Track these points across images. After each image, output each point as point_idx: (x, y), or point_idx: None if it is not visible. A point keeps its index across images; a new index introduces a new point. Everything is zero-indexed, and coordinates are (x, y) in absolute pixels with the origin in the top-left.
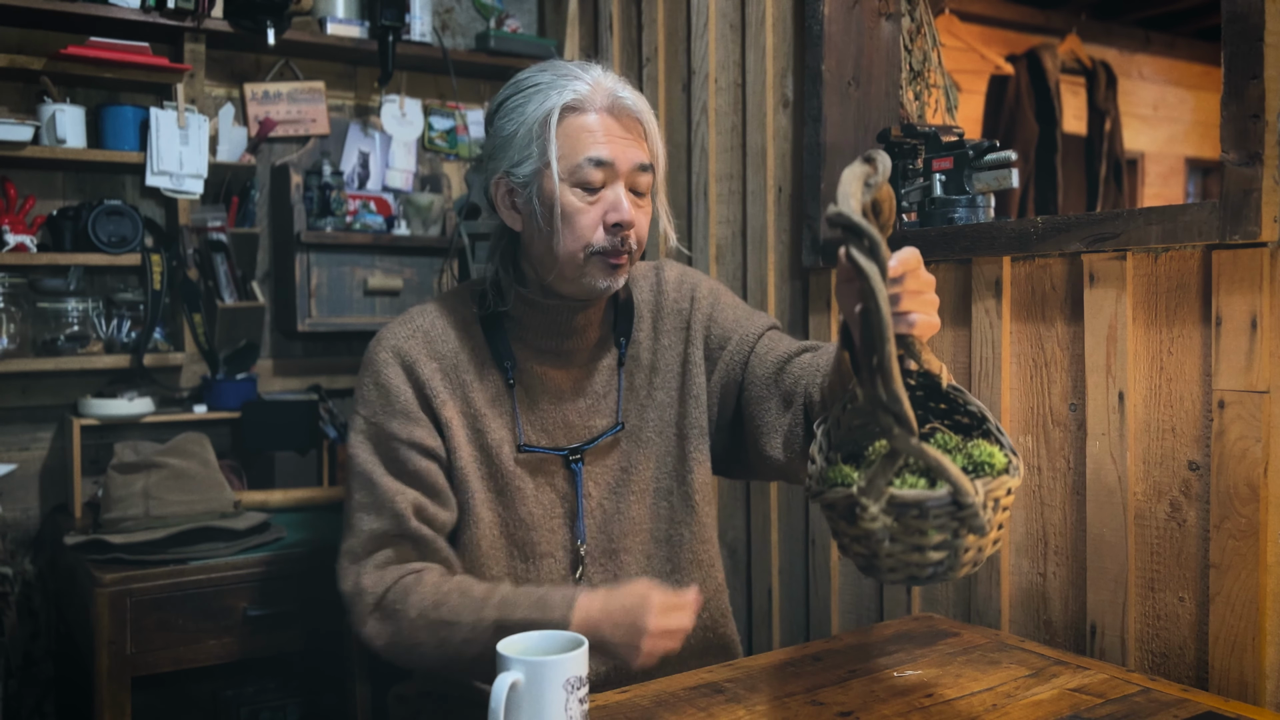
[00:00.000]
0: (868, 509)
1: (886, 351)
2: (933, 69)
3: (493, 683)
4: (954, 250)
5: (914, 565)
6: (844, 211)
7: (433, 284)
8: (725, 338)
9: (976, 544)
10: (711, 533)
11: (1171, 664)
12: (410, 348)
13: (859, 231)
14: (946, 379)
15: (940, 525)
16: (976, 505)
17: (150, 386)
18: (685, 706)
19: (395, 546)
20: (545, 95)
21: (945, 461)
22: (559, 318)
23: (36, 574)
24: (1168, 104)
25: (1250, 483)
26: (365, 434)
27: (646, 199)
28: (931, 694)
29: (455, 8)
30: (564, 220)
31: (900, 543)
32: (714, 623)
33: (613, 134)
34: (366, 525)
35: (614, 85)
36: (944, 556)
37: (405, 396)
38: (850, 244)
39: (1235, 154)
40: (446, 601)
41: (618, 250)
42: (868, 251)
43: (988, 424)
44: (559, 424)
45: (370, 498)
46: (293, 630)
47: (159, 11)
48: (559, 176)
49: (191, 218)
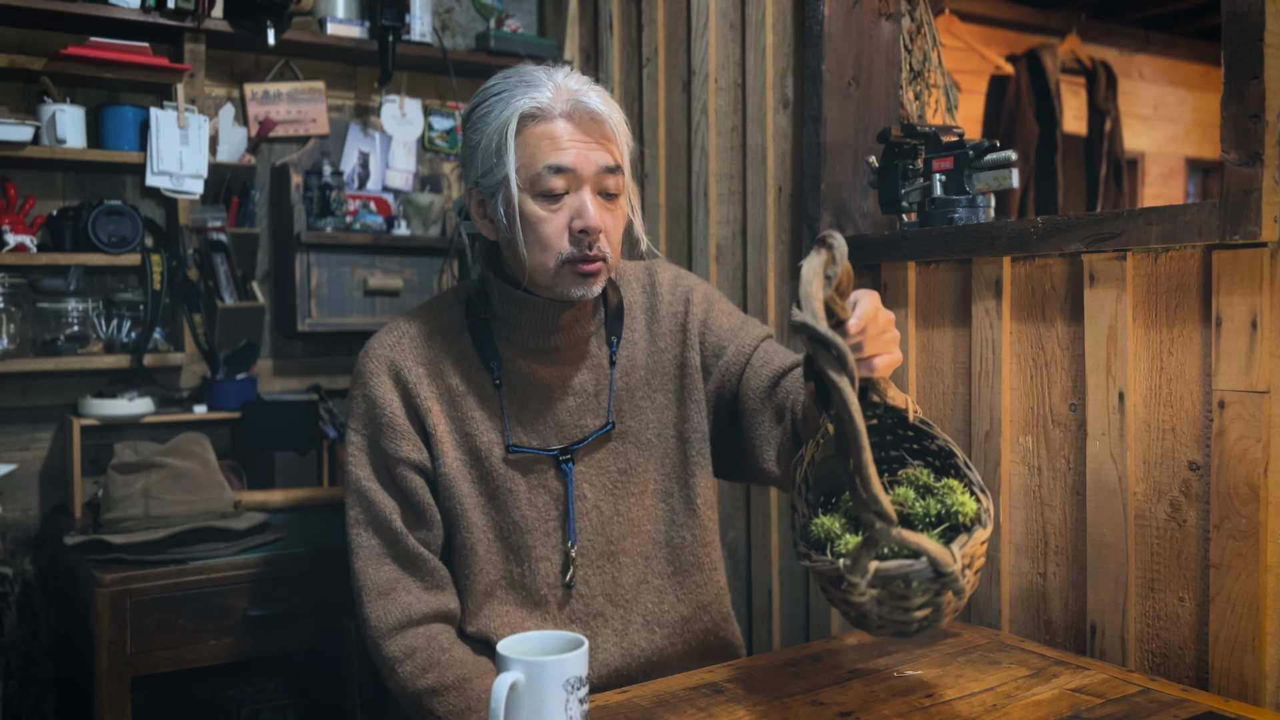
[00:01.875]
0: (857, 585)
1: (863, 459)
2: (933, 69)
3: (498, 673)
4: (954, 250)
5: (901, 623)
6: (809, 323)
7: (433, 284)
8: (721, 346)
9: (949, 603)
10: (713, 536)
11: (1171, 664)
12: (396, 355)
13: (826, 343)
14: (913, 411)
15: (923, 589)
16: (955, 572)
17: (150, 386)
18: (685, 706)
19: (402, 588)
20: (506, 104)
21: (924, 542)
22: (545, 314)
23: (36, 574)
24: (1168, 104)
25: (1250, 483)
26: (358, 446)
27: (618, 201)
28: (931, 694)
29: (455, 8)
30: (529, 230)
31: (887, 605)
32: (715, 626)
33: (574, 139)
34: (364, 542)
35: (578, 88)
36: (929, 614)
37: (392, 408)
38: (819, 357)
39: (1235, 154)
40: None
41: (587, 257)
42: (836, 364)
43: (955, 460)
44: (549, 424)
45: (366, 514)
46: (293, 630)
47: (159, 11)
48: (519, 186)
49: (191, 218)
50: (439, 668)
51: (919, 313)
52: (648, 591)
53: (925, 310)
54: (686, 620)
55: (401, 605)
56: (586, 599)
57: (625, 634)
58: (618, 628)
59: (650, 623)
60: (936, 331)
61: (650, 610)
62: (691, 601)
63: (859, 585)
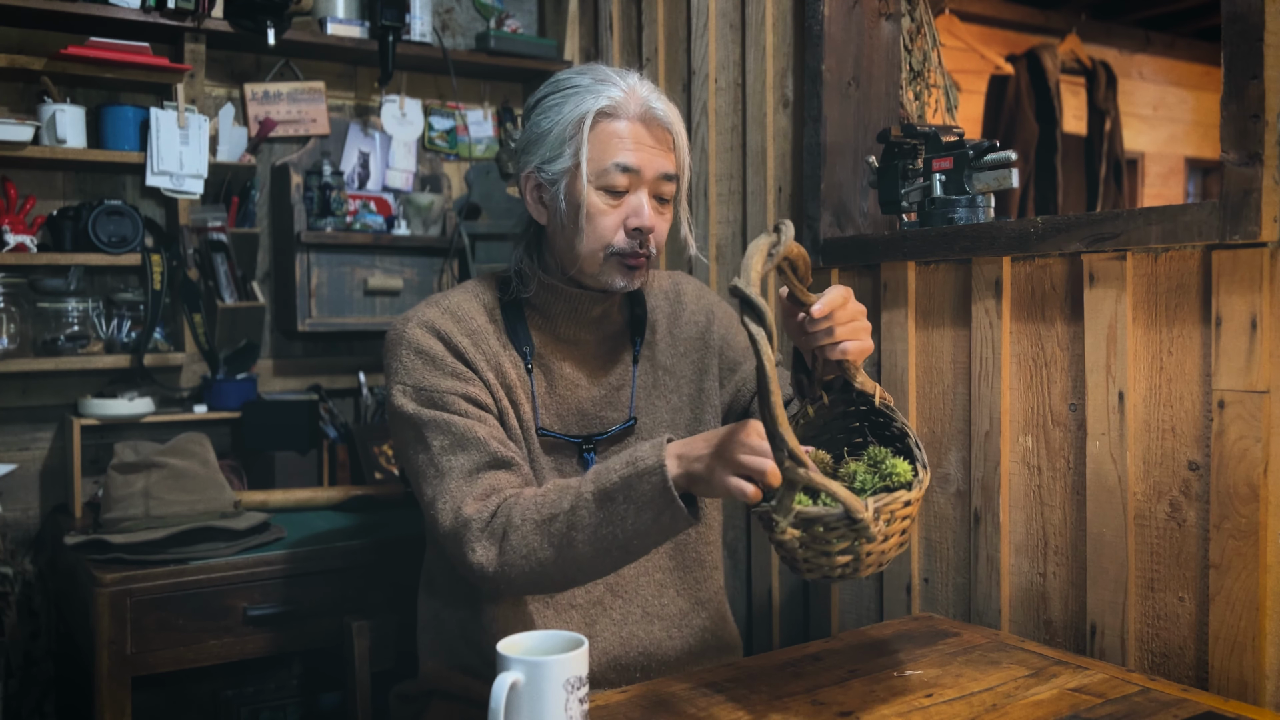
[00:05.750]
0: (778, 524)
1: (772, 403)
2: (933, 69)
3: (498, 673)
4: (954, 250)
5: (825, 567)
6: (739, 285)
7: (433, 284)
8: (736, 362)
9: (878, 549)
10: (716, 536)
11: (1171, 664)
12: (442, 324)
13: (750, 302)
14: (880, 397)
15: (840, 535)
16: (867, 519)
17: (150, 386)
18: (685, 706)
19: (490, 475)
20: (582, 98)
21: (834, 486)
22: (579, 306)
23: (36, 574)
24: (1168, 104)
25: (1250, 483)
26: (417, 399)
27: (669, 206)
28: (931, 694)
29: (455, 8)
30: (588, 220)
31: (810, 549)
32: (713, 623)
33: (642, 142)
34: (456, 463)
35: (648, 95)
36: (850, 560)
37: (449, 359)
38: (745, 313)
39: (1235, 154)
40: (546, 499)
41: (636, 253)
42: (756, 319)
43: (909, 439)
44: (573, 412)
45: (450, 439)
46: (293, 630)
47: (159, 11)
48: (587, 178)
49: (191, 218)
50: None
51: (919, 313)
52: (648, 584)
53: (925, 310)
54: (685, 615)
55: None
56: (588, 587)
57: (624, 624)
58: (616, 618)
59: (649, 615)
60: (936, 331)
61: (650, 602)
62: (691, 596)
63: (780, 524)
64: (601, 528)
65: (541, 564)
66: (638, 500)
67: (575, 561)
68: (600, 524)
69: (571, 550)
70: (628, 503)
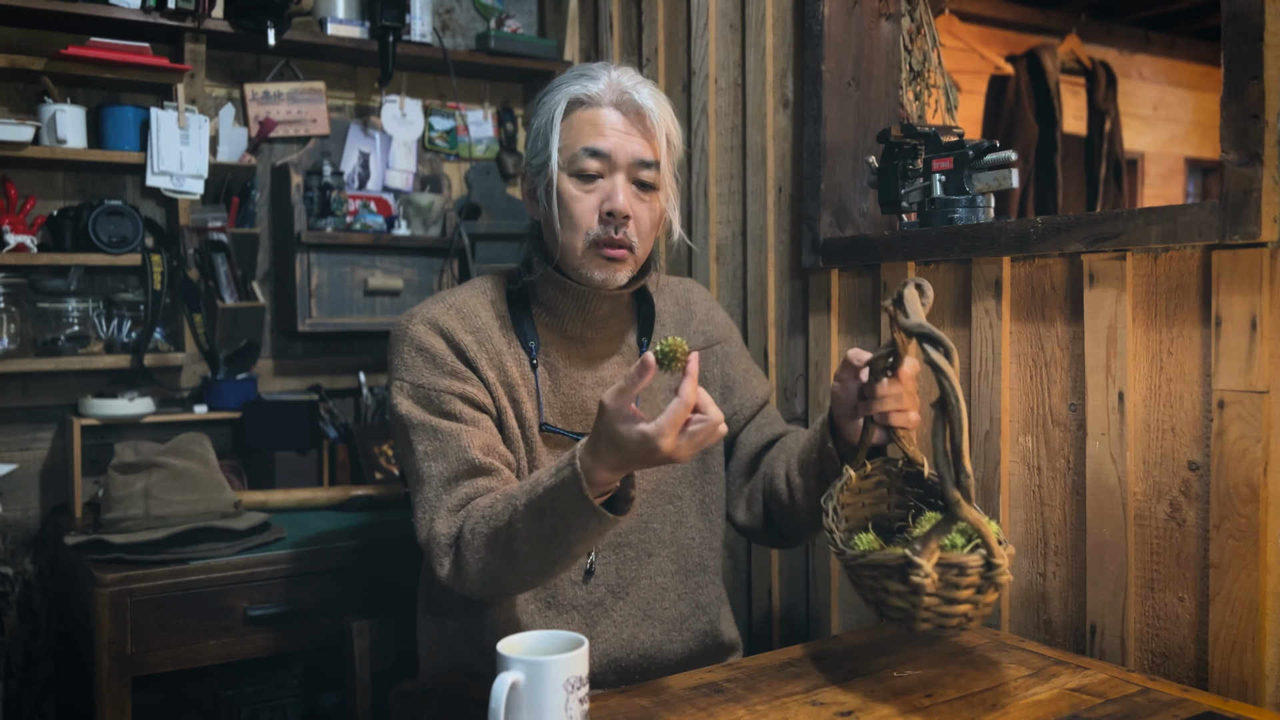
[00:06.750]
0: (921, 567)
1: (961, 439)
2: (933, 69)
3: (498, 673)
4: (954, 250)
5: (944, 616)
6: (922, 323)
7: (432, 284)
8: (733, 380)
9: (987, 602)
10: (718, 542)
11: (1171, 664)
12: (445, 320)
13: (936, 340)
14: (928, 470)
15: (971, 582)
16: (1003, 566)
17: (150, 386)
18: (685, 706)
19: (468, 484)
20: (560, 91)
21: (985, 527)
22: (585, 303)
23: (37, 574)
24: (1168, 104)
25: (1250, 483)
26: (413, 397)
27: (653, 195)
28: (931, 694)
29: (455, 8)
30: (562, 207)
31: (936, 596)
32: (715, 629)
33: (615, 128)
34: (435, 470)
35: (630, 84)
36: (969, 609)
37: (449, 358)
38: (929, 347)
39: (1235, 154)
40: (493, 510)
41: (613, 240)
42: (945, 356)
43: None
44: (577, 410)
45: (433, 445)
46: (293, 630)
47: (159, 12)
48: (559, 166)
49: (192, 218)
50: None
51: None
52: (650, 587)
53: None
54: (685, 619)
55: (464, 501)
56: (589, 588)
57: (625, 626)
58: (617, 619)
59: (650, 617)
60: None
61: (651, 605)
62: (692, 601)
63: (923, 567)
64: (540, 540)
65: (497, 574)
66: (564, 511)
67: (527, 568)
68: (539, 536)
69: (518, 561)
70: (555, 514)
